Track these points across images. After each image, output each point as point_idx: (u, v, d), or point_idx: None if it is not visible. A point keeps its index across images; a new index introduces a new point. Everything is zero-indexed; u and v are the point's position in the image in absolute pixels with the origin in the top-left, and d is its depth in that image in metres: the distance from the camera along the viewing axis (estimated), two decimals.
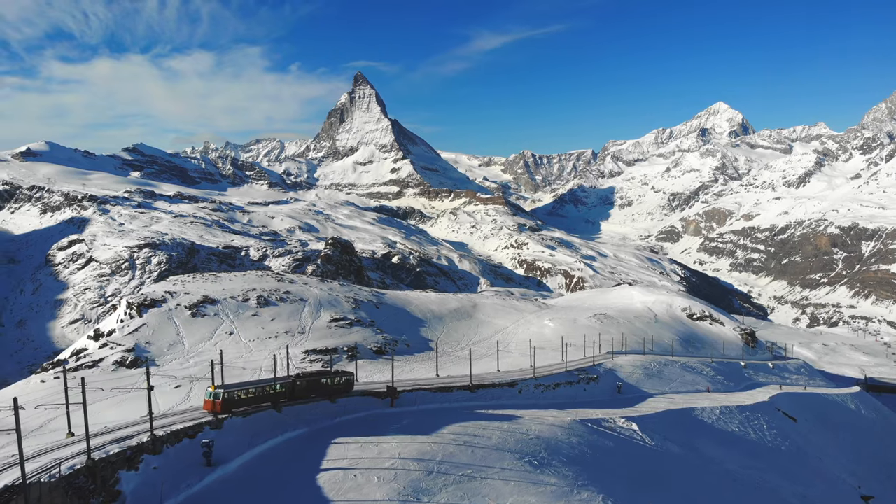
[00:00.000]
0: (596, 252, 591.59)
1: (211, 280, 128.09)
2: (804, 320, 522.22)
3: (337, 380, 59.38)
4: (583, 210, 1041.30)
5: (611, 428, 64.27)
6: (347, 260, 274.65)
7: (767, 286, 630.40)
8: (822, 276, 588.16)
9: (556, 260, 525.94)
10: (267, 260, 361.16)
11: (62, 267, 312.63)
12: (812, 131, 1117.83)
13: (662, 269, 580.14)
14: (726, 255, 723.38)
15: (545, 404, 73.28)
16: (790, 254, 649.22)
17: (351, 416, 54.70)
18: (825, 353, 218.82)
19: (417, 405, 61.66)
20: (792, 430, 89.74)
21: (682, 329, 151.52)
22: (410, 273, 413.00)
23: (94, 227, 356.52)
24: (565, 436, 56.12)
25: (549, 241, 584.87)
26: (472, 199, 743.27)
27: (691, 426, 75.77)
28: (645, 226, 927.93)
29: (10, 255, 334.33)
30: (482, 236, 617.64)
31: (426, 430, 50.51)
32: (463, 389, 69.12)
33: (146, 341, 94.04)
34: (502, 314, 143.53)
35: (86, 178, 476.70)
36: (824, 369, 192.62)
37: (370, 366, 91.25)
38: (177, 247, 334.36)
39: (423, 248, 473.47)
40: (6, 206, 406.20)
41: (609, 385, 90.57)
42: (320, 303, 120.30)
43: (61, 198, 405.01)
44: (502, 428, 54.38)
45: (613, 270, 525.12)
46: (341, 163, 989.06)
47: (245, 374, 79.98)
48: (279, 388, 53.50)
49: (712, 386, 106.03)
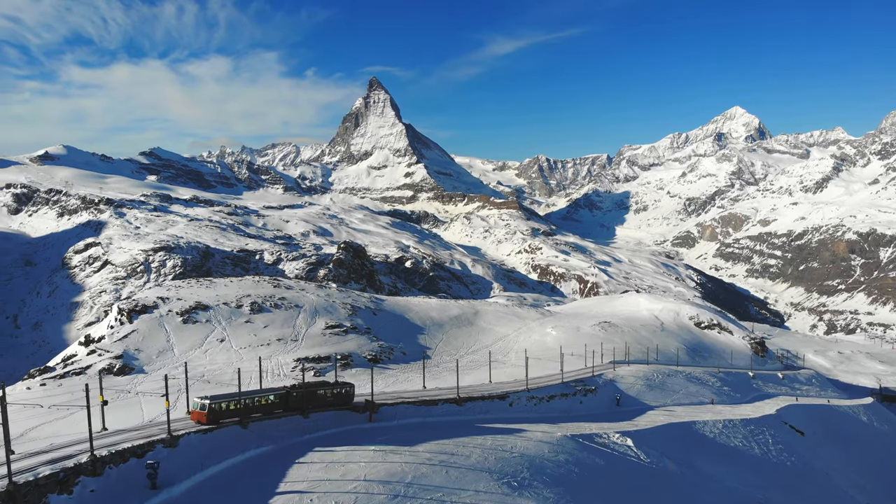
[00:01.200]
0: (610, 257, 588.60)
1: (206, 286, 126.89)
2: (821, 327, 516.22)
3: (336, 391, 57.57)
4: (598, 215, 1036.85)
5: (604, 444, 61.47)
6: (359, 264, 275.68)
7: (784, 292, 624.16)
8: (840, 282, 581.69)
9: (570, 265, 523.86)
10: (281, 264, 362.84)
11: (78, 270, 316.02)
12: (830, 136, 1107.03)
13: (678, 274, 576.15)
14: (742, 260, 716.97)
15: (536, 418, 70.29)
16: (807, 260, 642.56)
17: (322, 433, 51.55)
18: (840, 361, 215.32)
19: (397, 420, 58.88)
20: (799, 444, 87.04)
21: (689, 338, 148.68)
22: (423, 277, 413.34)
23: (110, 231, 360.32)
24: (552, 453, 53.40)
25: (563, 246, 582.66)
26: (486, 203, 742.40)
27: (691, 441, 73.02)
28: (660, 231, 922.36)
29: (27, 257, 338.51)
30: (495, 241, 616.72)
31: (401, 447, 47.47)
32: (449, 402, 66.09)
33: (135, 348, 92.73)
34: (504, 322, 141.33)
35: (103, 182, 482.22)
36: (839, 378, 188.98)
37: (364, 375, 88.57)
38: (192, 250, 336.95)
39: (437, 252, 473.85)
40: (24, 209, 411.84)
41: (607, 397, 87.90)
42: (316, 309, 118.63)
43: (78, 201, 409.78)
44: (484, 445, 51.41)
45: (628, 276, 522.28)
46: (356, 167, 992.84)
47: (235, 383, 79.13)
48: (273, 399, 51.66)
49: (717, 398, 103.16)
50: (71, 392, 71.69)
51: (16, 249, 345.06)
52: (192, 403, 48.00)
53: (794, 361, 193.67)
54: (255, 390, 54.90)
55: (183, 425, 46.52)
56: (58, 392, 73.11)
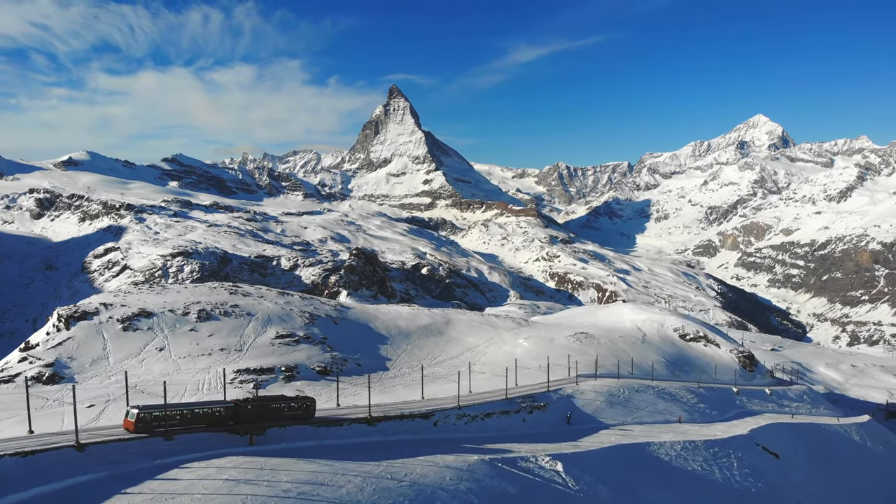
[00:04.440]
0: (630, 266, 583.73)
1: (157, 292, 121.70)
2: (844, 338, 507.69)
3: (294, 405, 55.39)
4: (618, 223, 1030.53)
5: (527, 469, 54.68)
6: (371, 270, 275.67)
7: (806, 303, 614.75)
8: (864, 293, 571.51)
9: (589, 273, 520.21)
10: (298, 269, 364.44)
11: (97, 274, 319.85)
12: (854, 145, 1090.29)
13: (698, 283, 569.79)
14: (764, 270, 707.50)
15: (465, 438, 63.58)
16: (830, 270, 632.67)
17: (180, 457, 44.00)
18: (853, 374, 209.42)
19: (286, 443, 52.22)
20: (771, 467, 79.26)
21: (671, 350, 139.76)
22: (439, 284, 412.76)
23: (129, 236, 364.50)
24: (454, 481, 46.40)
25: (582, 254, 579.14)
26: (504, 210, 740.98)
27: (640, 465, 66.18)
28: (681, 239, 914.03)
29: (49, 261, 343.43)
30: (513, 248, 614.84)
31: (262, 476, 40.97)
32: (359, 422, 58.92)
33: (68, 356, 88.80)
34: (477, 332, 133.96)
35: (125, 188, 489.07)
36: (848, 392, 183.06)
37: (308, 388, 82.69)
38: (209, 255, 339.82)
39: (453, 259, 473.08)
40: (46, 214, 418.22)
41: (558, 415, 79.93)
42: (270, 318, 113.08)
43: (99, 206, 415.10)
44: (369, 472, 44.43)
45: (647, 285, 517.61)
46: (375, 174, 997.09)
47: (171, 394, 73.38)
48: (218, 412, 50.02)
49: (689, 415, 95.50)
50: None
51: (37, 254, 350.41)
52: (127, 412, 47.22)
53: (803, 375, 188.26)
54: (204, 402, 53.67)
55: (108, 433, 45.71)
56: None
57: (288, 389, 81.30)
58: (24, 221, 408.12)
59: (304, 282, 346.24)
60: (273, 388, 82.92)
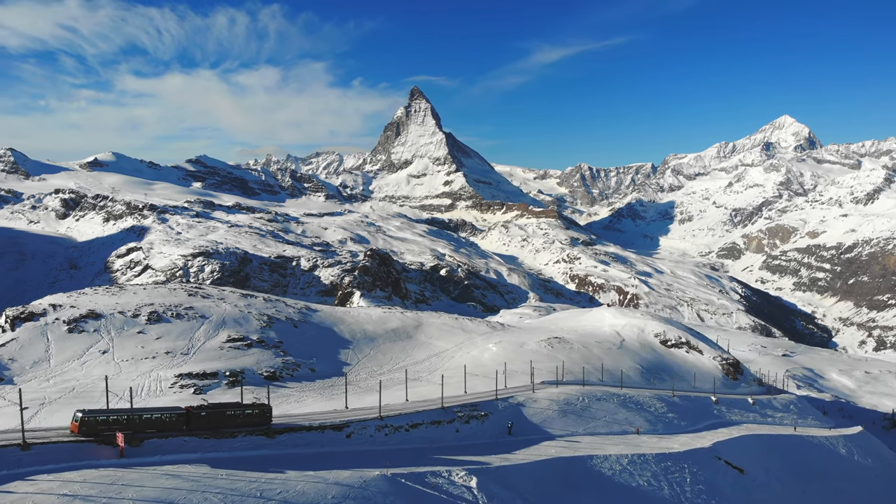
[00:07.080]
0: (652, 268, 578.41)
1: (112, 293, 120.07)
2: (870, 343, 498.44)
3: (249, 412, 54.13)
4: (641, 225, 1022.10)
5: (435, 485, 49.68)
6: (385, 271, 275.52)
7: (832, 307, 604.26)
8: (891, 297, 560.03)
9: (610, 276, 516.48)
10: (317, 270, 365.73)
11: (120, 274, 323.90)
12: (882, 146, 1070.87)
13: (721, 287, 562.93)
14: (790, 273, 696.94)
15: (382, 452, 58.67)
16: (857, 273, 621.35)
17: (32, 468, 40.75)
18: (866, 381, 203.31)
19: (161, 455, 47.71)
20: (731, 484, 73.45)
21: (649, 356, 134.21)
22: (458, 286, 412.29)
23: (152, 236, 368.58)
24: (335, 500, 42.36)
25: (603, 256, 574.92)
26: (525, 212, 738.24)
27: (577, 480, 61.04)
28: (705, 242, 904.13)
29: (73, 261, 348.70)
30: (533, 250, 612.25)
31: (106, 493, 37.28)
32: (257, 434, 55.27)
33: (10, 357, 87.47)
34: (447, 335, 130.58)
35: (149, 189, 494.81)
36: (861, 399, 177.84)
37: (250, 394, 79.04)
38: (230, 256, 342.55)
39: (472, 260, 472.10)
40: (71, 214, 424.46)
41: (499, 424, 74.77)
42: (224, 320, 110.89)
43: (123, 207, 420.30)
44: (235, 490, 40.24)
45: (669, 287, 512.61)
46: (395, 175, 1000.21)
47: (107, 398, 68.89)
48: (168, 417, 49.47)
49: (650, 426, 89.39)
50: None
51: (62, 253, 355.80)
52: (73, 416, 47.55)
53: (814, 382, 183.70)
54: (156, 407, 53.73)
55: (41, 435, 45.57)
56: None
57: (231, 395, 79.54)
58: (50, 221, 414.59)
59: (323, 282, 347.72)
60: (215, 394, 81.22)
